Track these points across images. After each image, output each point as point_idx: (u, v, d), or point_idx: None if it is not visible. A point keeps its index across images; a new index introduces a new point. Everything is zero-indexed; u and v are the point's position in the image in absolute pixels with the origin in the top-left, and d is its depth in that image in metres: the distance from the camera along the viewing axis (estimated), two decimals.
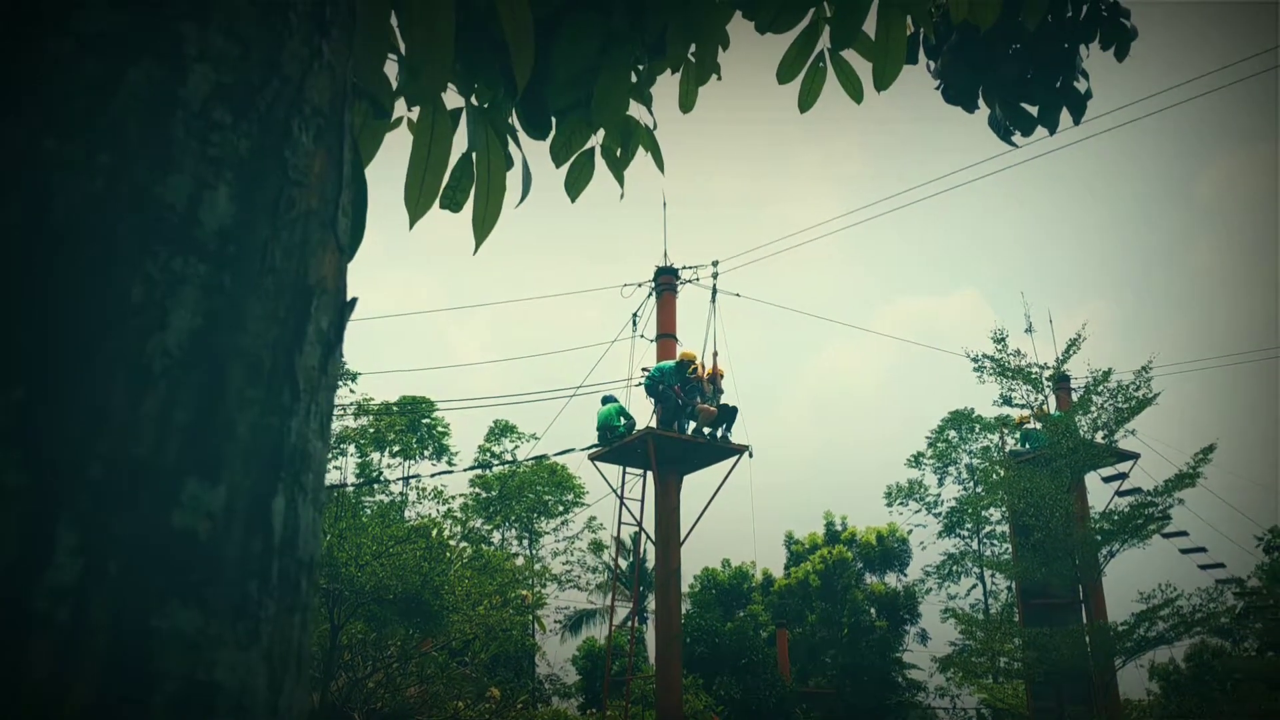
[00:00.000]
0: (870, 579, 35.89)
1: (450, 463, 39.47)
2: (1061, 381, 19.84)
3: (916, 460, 44.22)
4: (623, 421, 16.09)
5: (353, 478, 36.06)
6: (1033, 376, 18.54)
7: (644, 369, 16.21)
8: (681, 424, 15.55)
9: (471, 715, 18.69)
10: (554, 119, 2.21)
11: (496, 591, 17.19)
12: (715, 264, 16.94)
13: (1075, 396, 18.98)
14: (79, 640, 0.56)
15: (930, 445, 44.00)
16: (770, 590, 35.72)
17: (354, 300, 0.82)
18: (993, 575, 38.59)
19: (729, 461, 16.00)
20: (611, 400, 16.62)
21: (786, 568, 36.60)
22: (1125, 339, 68.97)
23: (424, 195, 1.97)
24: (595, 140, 2.31)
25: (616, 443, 15.85)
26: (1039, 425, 18.88)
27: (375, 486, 33.96)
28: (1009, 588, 31.17)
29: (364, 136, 1.94)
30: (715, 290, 16.84)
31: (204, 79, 0.68)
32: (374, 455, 38.57)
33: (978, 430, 42.21)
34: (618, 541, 20.45)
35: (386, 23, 1.70)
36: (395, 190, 1.98)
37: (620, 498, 16.61)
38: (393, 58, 1.82)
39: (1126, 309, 76.03)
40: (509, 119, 2.15)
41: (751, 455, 15.91)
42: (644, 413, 16.14)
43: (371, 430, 37.74)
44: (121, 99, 0.64)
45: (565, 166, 2.32)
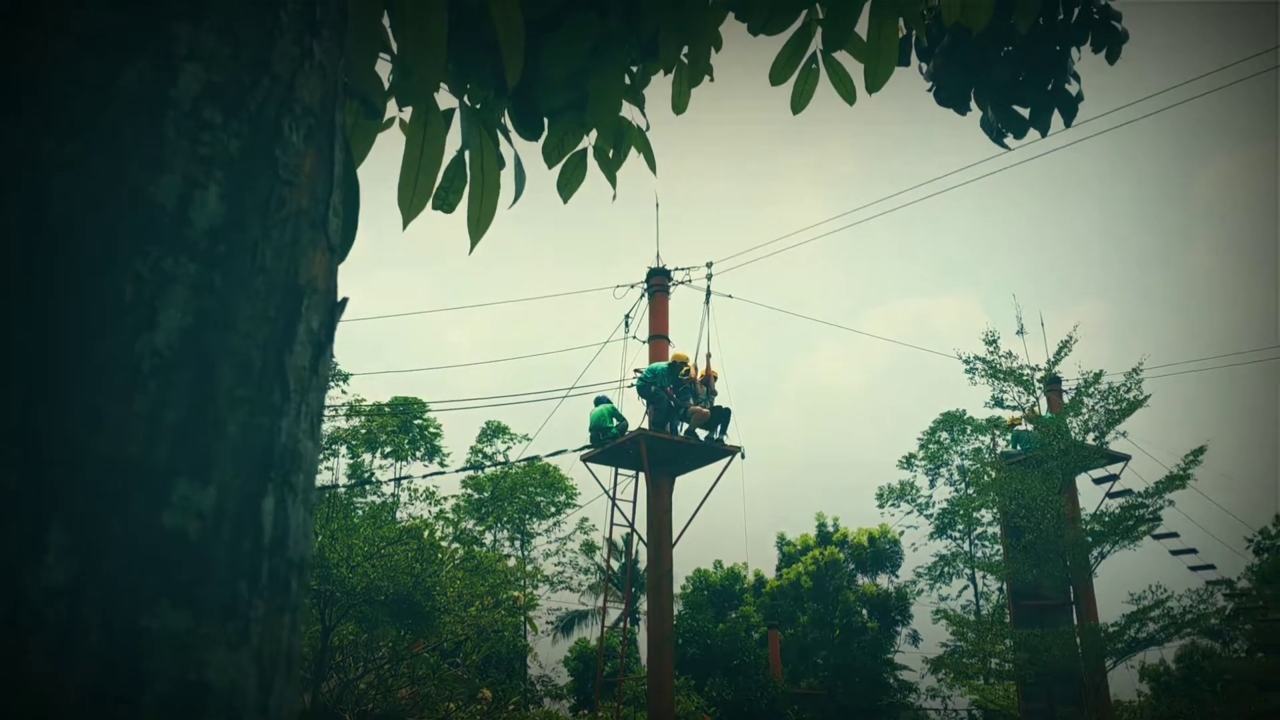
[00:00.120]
0: (862, 580, 35.95)
1: (442, 464, 39.40)
2: (1053, 383, 19.89)
3: (908, 462, 44.27)
4: (615, 423, 16.08)
5: (344, 479, 35.99)
6: (1024, 378, 18.58)
7: (636, 370, 16.21)
8: (674, 425, 15.54)
9: (463, 716, 18.66)
10: (546, 120, 2.21)
11: (488, 593, 17.18)
12: (709, 265, 16.93)
13: (1067, 398, 19.03)
14: (72, 640, 0.56)
15: (922, 447, 44.05)
16: (762, 591, 35.76)
17: (345, 300, 0.82)
18: (984, 576, 38.64)
19: (721, 463, 16.01)
20: (604, 401, 16.60)
21: (778, 569, 36.64)
22: (1120, 341, 69.23)
23: (417, 195, 1.97)
24: (588, 141, 2.31)
25: (609, 444, 15.84)
26: (1030, 427, 18.92)
27: (367, 487, 33.92)
28: (1000, 589, 31.22)
29: (356, 136, 1.93)
30: (709, 292, 16.83)
31: (195, 78, 0.68)
32: (366, 456, 38.49)
33: (969, 432, 42.27)
34: (610, 543, 20.43)
35: (378, 22, 1.70)
36: (390, 191, 1.98)
37: (612, 499, 16.60)
38: (385, 57, 1.82)
39: (1122, 310, 76.34)
40: (502, 119, 2.15)
41: (744, 456, 15.91)
42: (636, 414, 16.15)
43: (363, 431, 37.65)
44: (118, 99, 0.64)
45: (558, 167, 2.32)
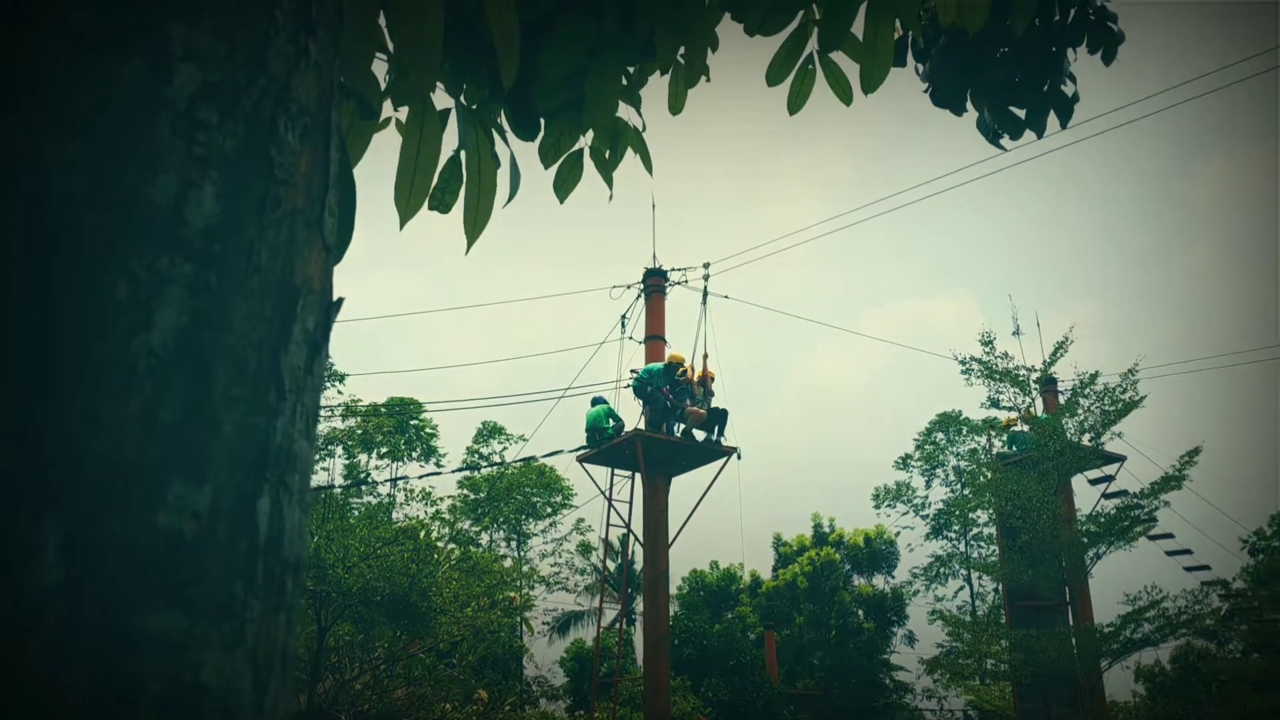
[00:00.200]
0: (858, 581, 35.99)
1: (438, 464, 39.35)
2: (1049, 384, 19.93)
3: (904, 462, 44.26)
4: (611, 423, 16.07)
5: (340, 479, 35.96)
6: (1020, 379, 18.62)
7: (632, 370, 16.20)
8: (670, 426, 15.53)
9: (459, 717, 18.66)
10: (543, 120, 2.21)
11: (484, 593, 17.17)
12: (706, 266, 16.94)
13: (1062, 399, 19.07)
14: (72, 640, 0.56)
15: (918, 447, 44.05)
16: (758, 592, 35.78)
17: (340, 300, 0.82)
18: (980, 577, 38.69)
19: (717, 463, 16.02)
20: (601, 402, 16.60)
21: (774, 569, 36.66)
22: (1119, 341, 69.29)
23: (414, 195, 1.97)
24: (584, 141, 2.31)
25: (605, 444, 15.84)
26: (1026, 428, 18.96)
27: (363, 488, 33.89)
28: (996, 589, 31.27)
29: (352, 136, 1.93)
30: (706, 292, 16.83)
31: (190, 78, 0.68)
32: (362, 457, 38.45)
33: (965, 433, 42.27)
34: (606, 543, 20.45)
35: (375, 22, 1.70)
36: (386, 191, 1.98)
37: (608, 499, 16.60)
38: (381, 57, 1.82)
39: (1120, 311, 76.43)
40: (498, 119, 2.15)
41: (740, 457, 15.92)
42: (633, 415, 16.15)
43: (359, 432, 37.62)
44: (118, 99, 0.64)
45: (554, 168, 2.32)
